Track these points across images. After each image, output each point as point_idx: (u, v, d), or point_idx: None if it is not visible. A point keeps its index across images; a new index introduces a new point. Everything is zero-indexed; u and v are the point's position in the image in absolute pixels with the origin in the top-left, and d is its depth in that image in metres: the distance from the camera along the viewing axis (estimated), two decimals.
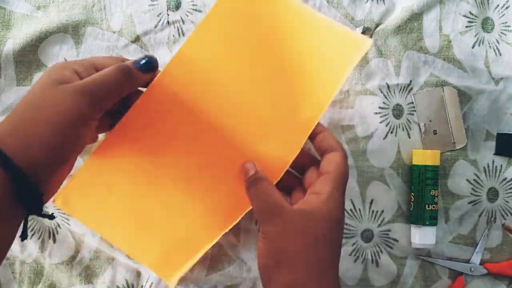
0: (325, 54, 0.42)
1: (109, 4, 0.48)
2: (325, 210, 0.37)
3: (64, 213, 0.47)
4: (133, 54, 0.48)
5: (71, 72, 0.36)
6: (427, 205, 0.46)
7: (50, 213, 0.37)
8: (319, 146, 0.42)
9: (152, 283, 0.47)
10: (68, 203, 0.41)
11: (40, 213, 0.35)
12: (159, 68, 0.41)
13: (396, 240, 0.48)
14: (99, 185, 0.41)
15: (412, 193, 0.47)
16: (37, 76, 0.47)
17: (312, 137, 0.42)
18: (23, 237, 0.36)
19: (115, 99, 0.37)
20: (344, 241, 0.48)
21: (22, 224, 0.36)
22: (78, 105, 0.34)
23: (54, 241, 0.47)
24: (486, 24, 0.50)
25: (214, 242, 0.41)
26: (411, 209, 0.47)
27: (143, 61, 0.39)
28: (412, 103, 0.49)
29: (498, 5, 0.50)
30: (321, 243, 0.37)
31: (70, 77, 0.36)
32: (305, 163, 0.43)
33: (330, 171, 0.39)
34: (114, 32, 0.48)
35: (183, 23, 0.48)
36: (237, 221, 0.41)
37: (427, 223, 0.46)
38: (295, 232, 0.36)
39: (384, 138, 0.48)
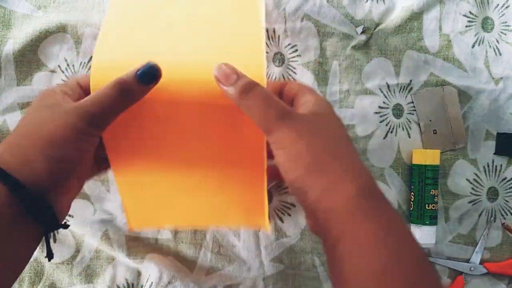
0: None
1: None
2: (328, 109, 0.35)
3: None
4: None
5: (61, 95, 0.35)
6: (427, 205, 0.46)
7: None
8: (287, 95, 0.38)
9: (152, 282, 0.47)
10: (140, 221, 0.43)
11: (56, 225, 0.33)
12: None
13: None
14: (146, 191, 0.42)
15: (412, 193, 0.47)
16: (37, 76, 0.47)
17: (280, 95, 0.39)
18: (49, 256, 0.35)
19: (114, 117, 0.35)
20: None
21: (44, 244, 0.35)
22: (76, 123, 0.33)
23: (55, 240, 0.47)
24: (486, 24, 0.50)
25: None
26: (411, 209, 0.47)
27: (143, 70, 0.34)
28: (412, 102, 0.49)
29: (498, 5, 0.50)
30: (343, 140, 0.34)
31: (62, 99, 0.35)
32: None
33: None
34: None
35: None
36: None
37: (427, 222, 0.46)
38: (314, 132, 0.33)
39: (384, 138, 0.48)
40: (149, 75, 0.34)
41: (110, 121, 0.35)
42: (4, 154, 0.32)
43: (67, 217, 0.47)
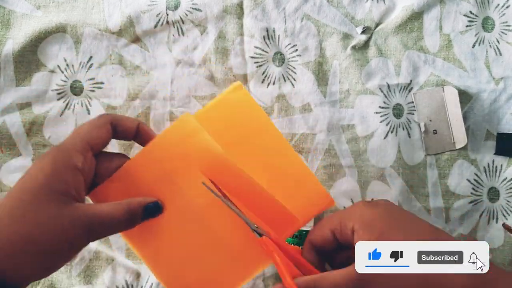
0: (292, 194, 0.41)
1: (108, 6, 0.48)
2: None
3: None
4: (133, 54, 0.48)
5: (74, 176, 0.35)
6: None
7: None
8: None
9: (152, 283, 0.46)
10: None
11: None
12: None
13: None
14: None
15: None
16: (37, 76, 0.47)
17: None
18: None
19: (111, 234, 0.37)
20: None
21: None
22: (74, 235, 0.34)
23: None
24: (487, 24, 0.50)
25: None
26: None
27: (151, 208, 0.38)
28: (412, 102, 0.49)
29: (498, 5, 0.50)
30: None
31: (73, 185, 0.35)
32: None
33: None
34: (113, 33, 0.48)
35: (183, 22, 0.48)
36: (253, 275, 0.40)
37: None
38: None
39: (384, 138, 0.48)
40: (155, 211, 0.39)
41: (106, 235, 0.37)
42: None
43: None
